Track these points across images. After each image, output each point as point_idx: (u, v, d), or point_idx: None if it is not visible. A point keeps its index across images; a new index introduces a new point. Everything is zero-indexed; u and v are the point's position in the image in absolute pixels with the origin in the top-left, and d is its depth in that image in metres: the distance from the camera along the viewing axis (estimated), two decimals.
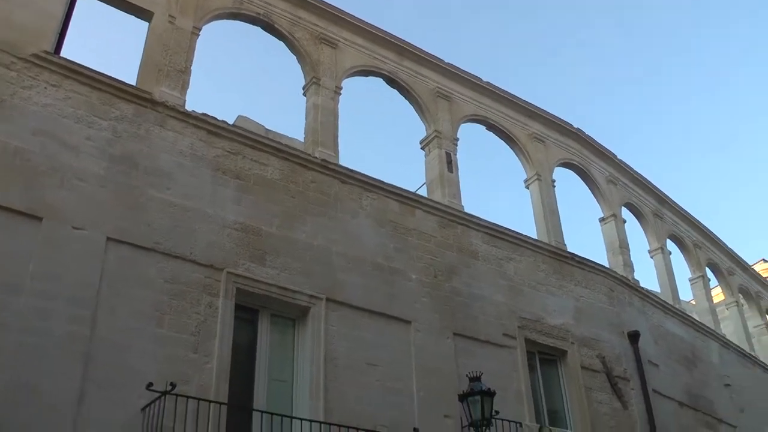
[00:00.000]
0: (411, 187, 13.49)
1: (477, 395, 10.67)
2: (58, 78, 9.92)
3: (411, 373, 11.33)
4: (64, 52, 10.41)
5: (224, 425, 8.96)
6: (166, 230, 9.84)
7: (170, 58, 11.32)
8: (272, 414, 9.24)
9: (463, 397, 10.82)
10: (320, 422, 9.62)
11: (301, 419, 9.58)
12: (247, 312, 10.30)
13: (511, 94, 16.68)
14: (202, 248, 10.00)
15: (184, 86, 11.25)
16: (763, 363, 23.08)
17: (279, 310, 10.57)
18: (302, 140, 13.10)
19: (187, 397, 8.65)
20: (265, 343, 10.26)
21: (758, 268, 32.04)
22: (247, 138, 11.35)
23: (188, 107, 11.01)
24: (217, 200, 10.51)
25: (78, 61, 10.18)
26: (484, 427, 10.60)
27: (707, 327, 20.35)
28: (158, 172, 10.17)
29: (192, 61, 11.65)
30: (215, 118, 11.13)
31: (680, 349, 18.22)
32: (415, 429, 10.35)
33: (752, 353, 22.79)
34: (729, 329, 23.59)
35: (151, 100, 10.61)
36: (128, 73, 10.98)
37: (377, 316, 11.37)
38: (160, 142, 10.40)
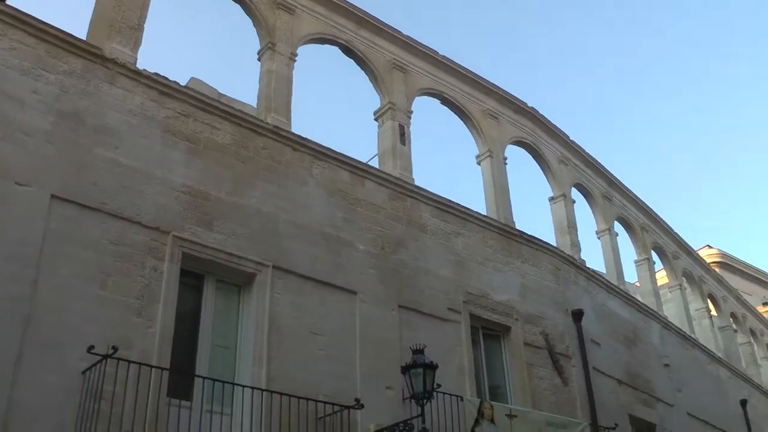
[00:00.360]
0: (362, 158, 13.61)
1: (419, 368, 10.82)
2: (4, 27, 9.70)
3: (355, 343, 11.49)
4: (11, 0, 10.19)
5: (166, 391, 9.03)
6: (113, 190, 9.74)
7: (123, 14, 11.14)
8: (214, 380, 9.36)
9: (405, 370, 10.97)
10: (262, 390, 9.75)
11: (243, 386, 9.67)
12: (193, 277, 10.31)
13: (467, 69, 16.88)
14: (148, 210, 9.94)
15: (136, 44, 11.11)
16: (702, 345, 23.95)
17: (225, 276, 10.61)
18: (255, 106, 13.13)
19: (129, 361, 8.66)
20: (210, 309, 10.31)
21: (703, 253, 33.10)
22: (199, 101, 11.28)
23: (140, 66, 10.90)
24: (166, 162, 10.44)
25: (25, 11, 9.96)
26: (425, 400, 10.76)
27: (650, 308, 21.03)
28: (106, 130, 10.06)
29: (145, 18, 11.47)
30: (167, 79, 11.04)
31: (622, 328, 18.82)
32: (356, 399, 10.49)
33: (692, 335, 23.62)
34: (671, 311, 24.38)
35: (101, 56, 10.47)
36: (79, 27, 10.86)
37: (323, 285, 11.48)
38: (109, 100, 10.28)
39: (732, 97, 76.04)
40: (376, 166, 14.01)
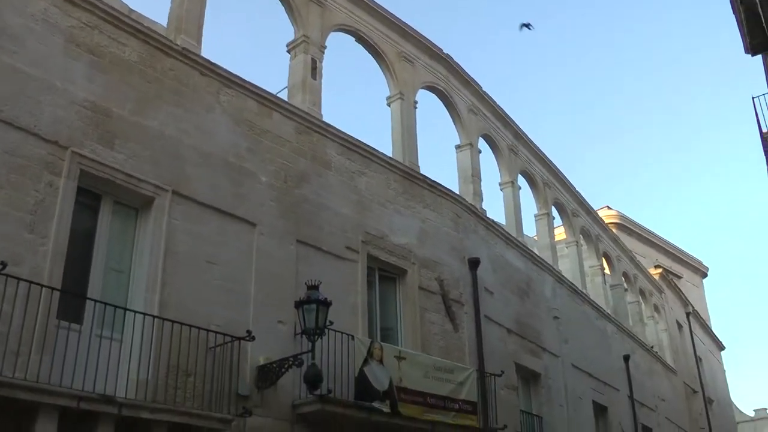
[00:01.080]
0: (272, 90, 13.69)
1: (313, 304, 11.15)
2: None
3: (250, 275, 11.71)
4: None
5: (56, 312, 9.07)
6: (9, 97, 9.47)
7: None
8: (106, 304, 9.37)
9: (299, 305, 11.27)
10: (154, 316, 9.87)
11: (135, 312, 9.76)
12: (90, 196, 10.24)
13: (386, 10, 17.06)
14: (47, 123, 9.76)
15: None
16: (592, 301, 25.36)
17: (123, 198, 10.58)
18: (165, 26, 12.99)
19: (18, 278, 8.59)
20: (106, 230, 10.30)
21: (602, 213, 34.60)
22: (107, 13, 10.99)
23: None
24: (67, 74, 10.23)
25: None
26: (316, 336, 11.13)
27: (545, 262, 22.09)
28: (4, 32, 9.73)
29: None
30: None
31: (516, 279, 19.78)
32: (248, 331, 10.65)
33: (584, 291, 24.98)
34: (566, 267, 25.61)
35: None
36: None
37: (222, 214, 11.60)
38: (9, 1, 9.90)
39: (644, 65, 78.58)
40: (285, 99, 14.11)
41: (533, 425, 19.09)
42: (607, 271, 30.08)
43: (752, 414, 68.79)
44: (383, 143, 16.93)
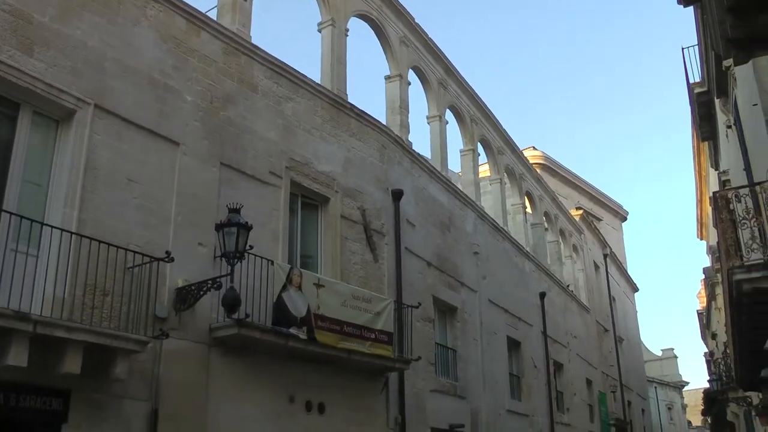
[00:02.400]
0: (201, 8, 13.48)
1: (234, 227, 11.25)
2: None
3: (171, 196, 11.72)
4: None
5: None
6: None
7: None
8: (22, 217, 9.28)
9: (219, 227, 11.36)
10: (72, 233, 9.86)
11: (53, 227, 9.71)
12: (8, 105, 10.06)
13: None
14: None
15: None
16: (512, 238, 26.13)
17: (43, 109, 10.39)
18: None
19: None
20: (24, 141, 10.13)
21: (527, 153, 35.39)
22: None
23: None
24: None
25: None
26: (235, 260, 11.27)
27: (468, 198, 22.63)
28: None
29: None
30: None
31: (438, 213, 20.26)
32: (167, 252, 10.65)
33: (505, 228, 25.69)
34: (488, 203, 26.30)
35: None
36: None
37: (145, 132, 11.52)
38: None
39: (578, 11, 79.16)
40: (215, 19, 13.98)
41: (447, 358, 19.84)
42: (528, 210, 30.96)
43: (659, 353, 72.29)
44: (312, 70, 16.98)
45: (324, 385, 14.08)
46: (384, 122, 18.54)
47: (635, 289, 53.67)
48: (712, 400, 38.03)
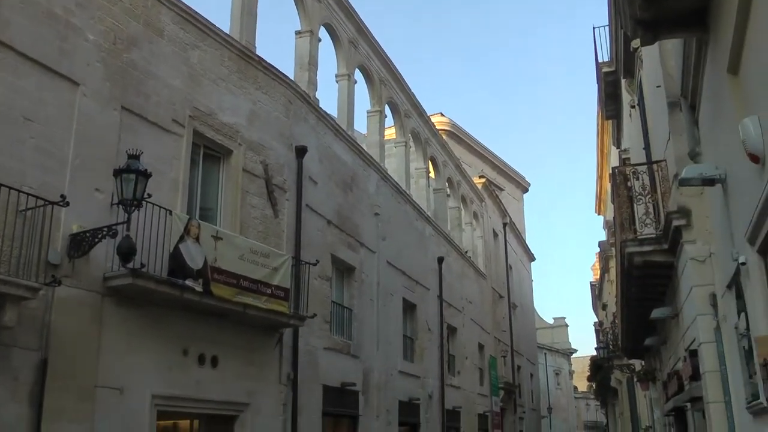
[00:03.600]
0: None
1: (132, 173, 11.11)
2: None
3: (69, 137, 11.44)
4: None
5: None
6: None
7: None
8: None
9: (118, 173, 11.20)
10: None
11: None
12: None
13: None
14: None
15: None
16: (414, 202, 26.55)
17: None
18: None
19: None
20: None
21: (434, 119, 35.80)
22: None
23: None
24: None
25: None
26: (133, 207, 11.19)
27: (372, 159, 22.86)
28: None
29: None
30: None
31: (342, 173, 20.43)
32: (62, 196, 10.44)
33: (407, 191, 26.05)
34: (392, 166, 26.61)
35: None
36: None
37: (44, 69, 11.17)
38: None
39: None
40: None
41: (343, 316, 20.17)
42: (432, 175, 31.44)
43: (551, 322, 74.74)
44: (222, 20, 16.77)
45: (218, 338, 14.17)
46: (292, 78, 18.53)
47: (532, 258, 55.22)
48: (598, 367, 39.74)
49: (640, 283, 14.21)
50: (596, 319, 49.35)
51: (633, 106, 17.44)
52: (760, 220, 6.03)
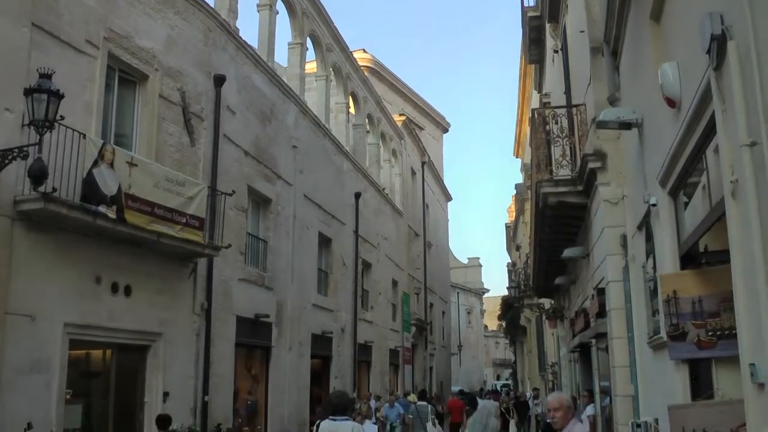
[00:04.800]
0: None
1: (44, 93, 10.80)
2: None
3: None
4: None
5: None
6: None
7: None
8: None
9: (28, 92, 10.88)
10: None
11: None
12: None
13: None
14: None
15: None
16: (333, 136, 26.53)
17: None
18: None
19: None
20: None
21: (357, 55, 35.55)
22: None
23: None
24: None
25: None
26: (45, 129, 10.91)
27: (292, 91, 22.68)
28: None
29: None
30: None
31: (260, 104, 20.25)
32: None
33: (326, 126, 25.97)
34: (312, 100, 26.45)
35: None
36: None
37: None
38: None
39: None
40: None
41: (258, 248, 20.19)
42: (352, 110, 31.38)
43: (465, 261, 76.14)
44: None
45: (132, 267, 14.06)
46: (212, 5, 18.14)
47: (449, 198, 55.91)
48: (509, 306, 40.82)
49: (554, 223, 14.61)
50: (509, 260, 50.51)
51: (556, 51, 17.69)
52: (673, 163, 6.28)
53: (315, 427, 8.79)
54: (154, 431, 13.97)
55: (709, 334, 6.09)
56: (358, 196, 28.74)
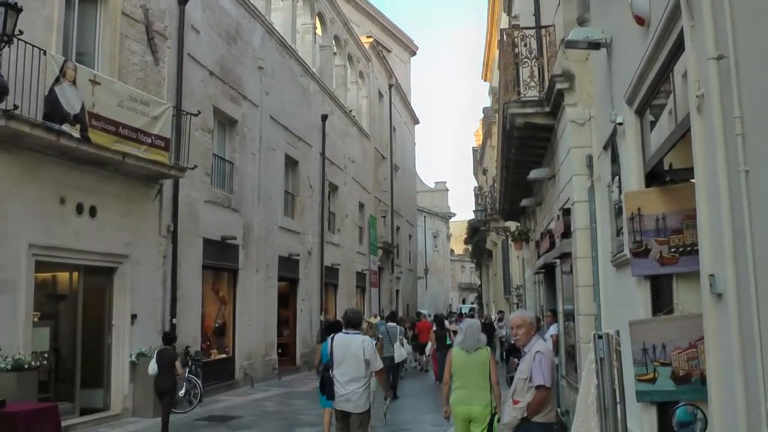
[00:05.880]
0: None
1: (1, 6, 10.67)
2: None
3: None
4: None
5: None
6: None
7: None
8: None
9: None
10: None
11: None
12: None
13: None
14: None
15: None
16: (299, 57, 26.23)
17: None
18: None
19: None
20: None
21: None
22: None
23: None
24: None
25: None
26: (3, 44, 10.78)
27: (258, 11, 22.32)
28: None
29: None
30: None
31: (225, 23, 19.94)
32: None
33: (293, 47, 25.66)
34: (278, 20, 26.08)
35: None
36: None
37: None
38: None
39: None
40: None
41: (224, 170, 20.12)
42: (319, 31, 30.95)
43: (432, 185, 76.44)
44: None
45: (97, 188, 14.01)
46: None
47: (416, 121, 55.76)
48: (475, 230, 41.24)
49: (520, 144, 14.66)
50: (476, 184, 50.79)
51: None
52: (640, 80, 6.33)
53: (330, 339, 9.36)
54: (124, 353, 14.18)
55: (672, 250, 6.23)
56: (324, 118, 28.58)
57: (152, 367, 13.05)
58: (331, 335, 9.55)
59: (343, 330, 9.42)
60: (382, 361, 9.70)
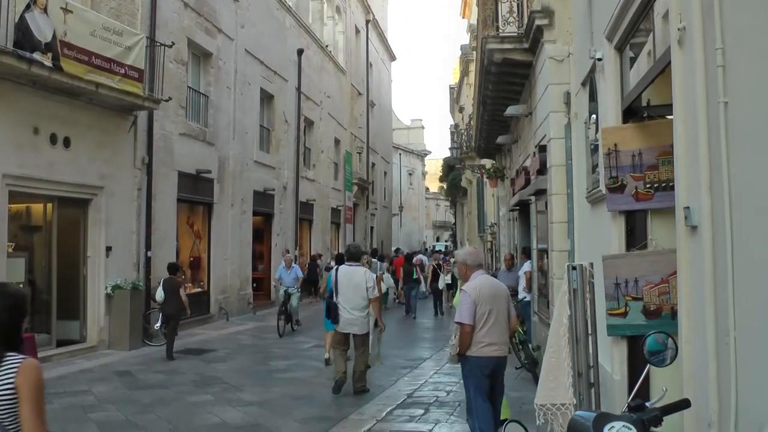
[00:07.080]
0: None
1: None
2: None
3: None
4: None
5: None
6: None
7: None
8: None
9: None
10: None
11: None
12: None
13: None
14: None
15: None
16: None
17: None
18: None
19: None
20: None
21: None
22: None
23: None
24: None
25: None
26: None
27: None
28: None
29: None
30: None
31: None
32: None
33: None
34: None
35: None
36: None
37: None
38: None
39: None
40: None
41: (199, 103, 19.92)
42: None
43: (408, 123, 76.23)
44: None
45: (70, 119, 13.87)
46: None
47: (393, 58, 55.26)
48: (451, 167, 41.26)
49: (498, 81, 14.64)
50: (453, 122, 50.67)
51: None
52: (620, 16, 6.31)
53: (334, 270, 10.99)
54: (100, 285, 14.19)
55: (647, 186, 6.29)
56: (300, 52, 28.24)
57: (159, 294, 14.50)
58: (336, 267, 11.16)
59: (346, 262, 10.97)
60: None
